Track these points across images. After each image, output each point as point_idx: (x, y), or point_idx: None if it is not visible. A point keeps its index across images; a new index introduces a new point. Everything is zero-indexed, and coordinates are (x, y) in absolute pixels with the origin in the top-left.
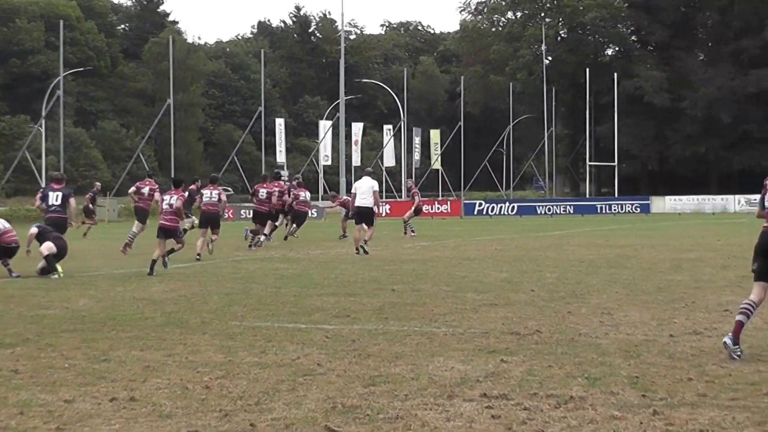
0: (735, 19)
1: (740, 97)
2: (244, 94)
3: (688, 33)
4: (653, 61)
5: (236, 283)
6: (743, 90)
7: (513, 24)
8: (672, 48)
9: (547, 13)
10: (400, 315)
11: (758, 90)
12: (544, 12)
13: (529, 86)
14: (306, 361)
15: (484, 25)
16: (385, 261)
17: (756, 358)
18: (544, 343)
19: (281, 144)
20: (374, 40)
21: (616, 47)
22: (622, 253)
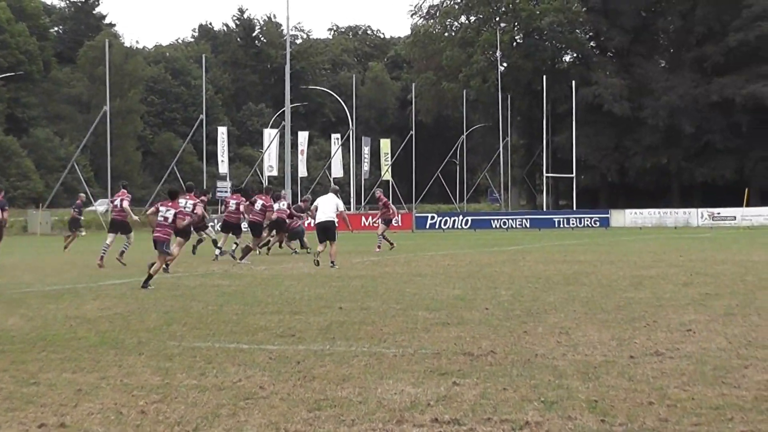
0: (697, 24)
1: (703, 106)
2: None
3: (649, 39)
4: (613, 68)
5: (175, 301)
6: (706, 98)
7: (466, 29)
8: (632, 54)
9: (502, 18)
10: (348, 334)
11: (721, 98)
12: (498, 16)
13: (484, 94)
14: (248, 383)
15: (436, 30)
16: (332, 277)
17: (720, 381)
18: (498, 365)
19: (223, 153)
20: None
21: (574, 53)
22: (580, 270)
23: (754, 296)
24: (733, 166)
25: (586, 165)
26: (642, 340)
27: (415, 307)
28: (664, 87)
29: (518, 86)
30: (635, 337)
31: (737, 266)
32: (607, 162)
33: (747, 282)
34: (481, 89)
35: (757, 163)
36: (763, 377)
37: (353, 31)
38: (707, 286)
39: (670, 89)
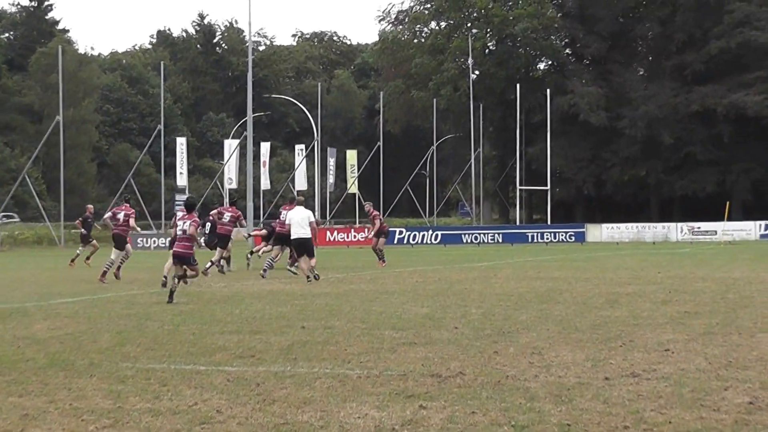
0: (677, 31)
1: (683, 116)
2: (142, 110)
3: (627, 46)
4: (589, 76)
5: (130, 320)
6: (686, 108)
7: (437, 35)
8: (609, 62)
9: (474, 24)
10: (310, 355)
11: (702, 108)
12: (470, 22)
13: (455, 103)
14: (204, 407)
15: (405, 36)
16: (295, 295)
17: (698, 403)
18: (467, 387)
19: (182, 165)
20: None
21: (549, 61)
22: (554, 287)
23: (735, 315)
24: (715, 178)
25: (561, 177)
26: (618, 360)
27: (381, 327)
28: (642, 96)
29: (491, 95)
30: (611, 358)
31: (717, 283)
32: (583, 174)
33: (728, 300)
34: (452, 98)
35: (740, 175)
36: (743, 399)
37: (318, 38)
38: (686, 304)
39: (648, 98)
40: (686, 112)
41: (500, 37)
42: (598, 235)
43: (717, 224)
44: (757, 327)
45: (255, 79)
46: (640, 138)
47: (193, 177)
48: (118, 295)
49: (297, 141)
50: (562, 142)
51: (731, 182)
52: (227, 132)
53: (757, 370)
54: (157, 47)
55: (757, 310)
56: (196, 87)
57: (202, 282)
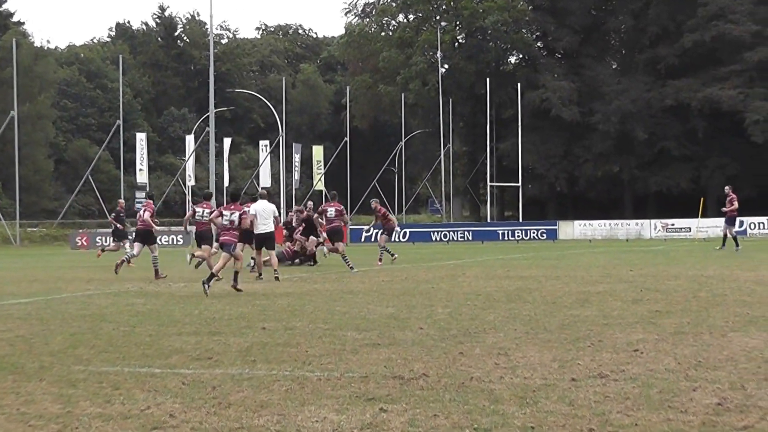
0: (651, 24)
1: (657, 111)
2: (100, 105)
3: (600, 39)
4: (561, 70)
5: (84, 322)
6: (660, 103)
7: (405, 28)
8: (582, 56)
9: (443, 17)
10: (270, 357)
11: (676, 103)
12: (439, 15)
13: (423, 98)
14: (157, 411)
15: (372, 29)
16: (256, 295)
17: (666, 405)
18: (430, 389)
19: (143, 162)
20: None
21: (520, 55)
22: (523, 286)
23: (707, 314)
24: (689, 174)
25: (533, 174)
26: (586, 361)
27: (344, 327)
28: (615, 90)
29: (460, 90)
30: (578, 358)
31: (690, 281)
32: (556, 170)
33: (700, 298)
34: (421, 93)
35: (714, 171)
36: (711, 401)
37: (283, 31)
38: (657, 303)
39: (621, 93)
40: (660, 107)
41: (470, 31)
42: (570, 233)
43: (691, 221)
44: (728, 326)
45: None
46: (613, 133)
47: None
48: (73, 295)
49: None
50: (534, 138)
51: (706, 178)
52: (189, 127)
53: (726, 370)
54: (116, 40)
55: (729, 308)
56: (157, 81)
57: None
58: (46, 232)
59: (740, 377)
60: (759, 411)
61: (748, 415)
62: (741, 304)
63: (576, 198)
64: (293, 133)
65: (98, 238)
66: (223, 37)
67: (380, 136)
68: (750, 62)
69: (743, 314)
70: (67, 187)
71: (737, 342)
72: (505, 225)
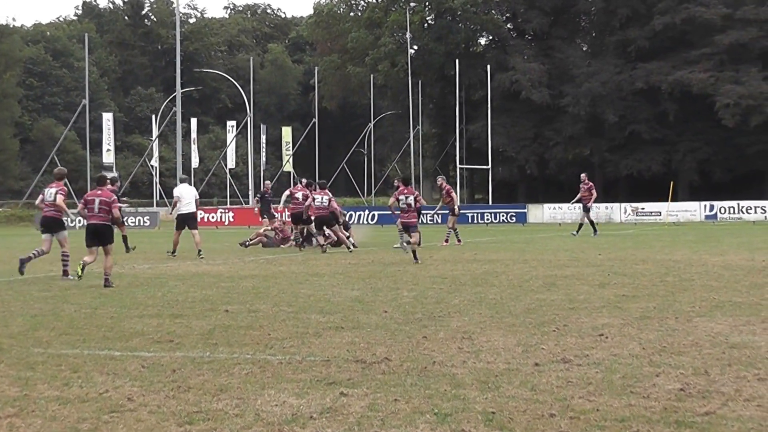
0: (621, 6)
1: (627, 94)
2: (66, 84)
3: (570, 21)
4: (531, 52)
5: (46, 303)
6: (630, 86)
7: (374, 8)
8: (552, 38)
9: None
10: (231, 340)
11: (647, 86)
12: None
13: (392, 79)
14: (115, 394)
15: (341, 9)
16: (221, 277)
17: (628, 390)
18: (392, 373)
19: (110, 142)
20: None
21: (490, 36)
22: (490, 269)
23: (674, 298)
24: (660, 158)
25: (503, 156)
26: (550, 346)
27: (307, 310)
28: (585, 73)
29: (430, 71)
30: (543, 343)
31: (658, 266)
32: (526, 153)
33: (667, 283)
34: (390, 74)
35: (686, 155)
36: (674, 386)
37: (251, 10)
38: (624, 287)
39: (592, 75)
40: (630, 90)
41: (439, 11)
42: (539, 216)
43: (661, 205)
44: (694, 311)
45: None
46: (583, 116)
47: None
48: (36, 276)
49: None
50: (504, 120)
51: (677, 162)
52: (156, 107)
53: (691, 355)
54: (83, 19)
55: (696, 293)
56: (124, 60)
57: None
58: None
59: (704, 363)
60: (721, 397)
61: (710, 401)
62: (708, 289)
63: (546, 181)
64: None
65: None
66: (191, 17)
67: (349, 118)
68: (720, 45)
69: (709, 299)
70: (33, 167)
71: (702, 327)
72: (474, 208)
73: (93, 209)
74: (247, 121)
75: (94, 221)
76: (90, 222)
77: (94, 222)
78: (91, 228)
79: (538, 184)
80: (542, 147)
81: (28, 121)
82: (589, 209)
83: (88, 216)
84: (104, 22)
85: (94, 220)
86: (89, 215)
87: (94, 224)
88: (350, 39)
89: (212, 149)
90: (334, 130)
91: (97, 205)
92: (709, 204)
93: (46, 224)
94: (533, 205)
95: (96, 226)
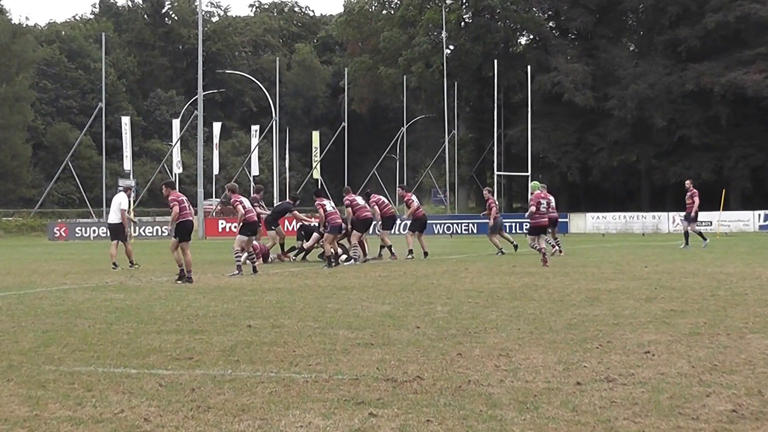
0: (671, 3)
1: (676, 96)
2: (82, 86)
3: (616, 19)
4: (574, 53)
5: (58, 318)
6: (680, 88)
7: (407, 6)
8: (596, 37)
9: None
10: (254, 357)
11: (698, 88)
12: None
13: (427, 81)
14: (131, 415)
15: (373, 8)
16: (244, 291)
17: (676, 412)
18: (424, 393)
19: (127, 147)
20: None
21: (530, 35)
22: (529, 282)
23: (725, 314)
24: (711, 164)
25: (543, 163)
26: (593, 363)
27: (335, 326)
28: (632, 74)
29: (466, 72)
30: (585, 361)
31: (709, 279)
32: (568, 159)
33: (718, 297)
34: (424, 75)
35: (738, 161)
36: (725, 407)
37: (278, 8)
38: (672, 301)
39: (639, 77)
40: (680, 92)
41: (477, 9)
42: (582, 226)
43: (712, 214)
44: (747, 327)
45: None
46: (629, 120)
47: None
48: (48, 290)
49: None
50: (545, 124)
51: (729, 169)
52: (177, 111)
53: (743, 374)
54: (100, 18)
55: (749, 308)
56: (143, 61)
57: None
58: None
59: (758, 382)
60: None
61: (764, 423)
62: (762, 303)
63: (589, 189)
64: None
65: (78, 228)
66: (214, 15)
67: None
68: None
69: (764, 314)
70: (46, 174)
71: (756, 344)
72: (513, 217)
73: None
74: (272, 125)
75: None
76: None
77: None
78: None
79: (581, 192)
80: (585, 153)
81: (41, 125)
82: (691, 218)
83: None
84: (122, 21)
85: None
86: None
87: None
88: (382, 39)
89: (235, 155)
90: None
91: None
92: (764, 213)
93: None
94: (575, 215)
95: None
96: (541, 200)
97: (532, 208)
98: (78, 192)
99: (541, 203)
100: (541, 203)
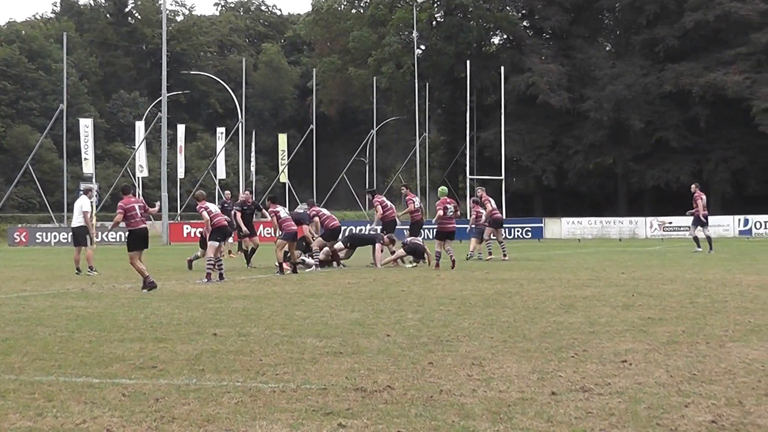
0: (649, 2)
1: (654, 98)
2: (43, 87)
3: (592, 18)
4: (549, 53)
5: (18, 326)
6: (658, 89)
7: (377, 5)
8: (572, 37)
9: None
10: (220, 366)
11: (676, 89)
12: None
13: (398, 82)
14: (93, 425)
15: (341, 6)
16: (209, 298)
17: (654, 422)
18: (394, 403)
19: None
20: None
21: (504, 35)
22: (503, 289)
23: (705, 321)
24: (690, 168)
25: (517, 166)
26: (568, 373)
27: (303, 334)
28: (609, 75)
29: (438, 73)
30: (560, 370)
31: (687, 286)
32: (543, 162)
33: (697, 305)
34: (395, 76)
35: (718, 164)
36: (705, 418)
37: (244, 7)
38: (650, 309)
39: (616, 78)
40: (658, 93)
41: (449, 8)
42: (557, 231)
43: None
44: (727, 336)
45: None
46: (606, 122)
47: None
48: (8, 297)
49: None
50: (519, 127)
51: (709, 172)
52: (140, 113)
53: (723, 384)
54: (61, 17)
55: (729, 316)
56: (106, 62)
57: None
58: None
59: (738, 392)
60: (757, 429)
61: None
62: (742, 311)
63: (565, 193)
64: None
65: (38, 233)
66: (178, 14)
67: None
68: (758, 45)
69: (744, 322)
70: (6, 178)
71: (736, 353)
72: None
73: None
74: (238, 127)
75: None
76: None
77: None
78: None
79: (556, 197)
80: (560, 156)
81: (1, 127)
82: (700, 222)
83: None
84: (84, 20)
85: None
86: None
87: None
88: (352, 38)
89: (201, 158)
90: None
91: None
92: (744, 218)
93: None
94: (550, 219)
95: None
96: (447, 205)
97: (439, 212)
98: (39, 196)
99: (448, 208)
100: (448, 208)
